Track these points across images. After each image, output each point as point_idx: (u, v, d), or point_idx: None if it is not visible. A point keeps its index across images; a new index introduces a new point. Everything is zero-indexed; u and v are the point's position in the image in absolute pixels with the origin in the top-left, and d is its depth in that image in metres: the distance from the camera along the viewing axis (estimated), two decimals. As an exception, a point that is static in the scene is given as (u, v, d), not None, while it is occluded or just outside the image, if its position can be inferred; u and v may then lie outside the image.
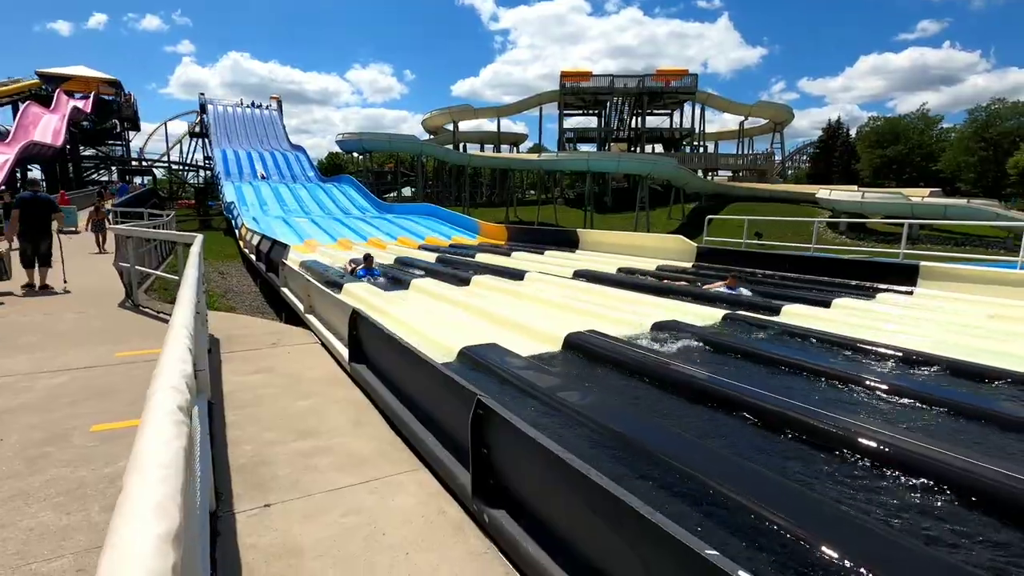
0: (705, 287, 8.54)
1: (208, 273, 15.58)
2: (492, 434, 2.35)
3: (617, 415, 3.30)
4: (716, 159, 50.08)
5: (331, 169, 58.03)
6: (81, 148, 42.61)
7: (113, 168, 45.74)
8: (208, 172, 45.37)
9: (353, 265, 10.74)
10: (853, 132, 58.45)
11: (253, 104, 46.07)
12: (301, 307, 6.97)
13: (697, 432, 3.26)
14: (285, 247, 9.76)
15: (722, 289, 8.19)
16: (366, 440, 3.36)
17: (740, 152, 52.60)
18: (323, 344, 5.59)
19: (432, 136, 54.33)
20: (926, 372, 4.52)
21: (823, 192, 31.51)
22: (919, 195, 29.66)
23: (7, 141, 26.99)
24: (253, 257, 13.76)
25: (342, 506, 2.58)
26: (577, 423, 3.31)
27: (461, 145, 54.02)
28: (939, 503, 2.45)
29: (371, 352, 4.32)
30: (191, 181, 52.35)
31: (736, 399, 3.59)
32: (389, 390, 3.79)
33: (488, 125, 57.33)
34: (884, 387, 3.91)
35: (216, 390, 4.11)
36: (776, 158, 53.30)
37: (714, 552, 1.32)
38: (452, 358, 5.00)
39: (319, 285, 6.34)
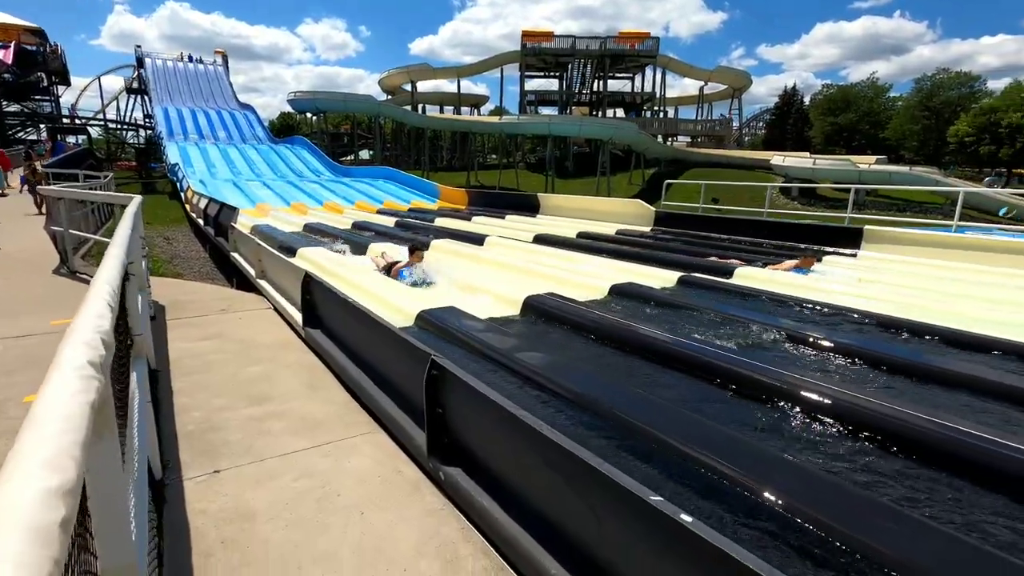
0: (771, 267, 7.22)
1: (153, 239, 14.83)
2: (446, 393, 2.35)
3: (571, 374, 3.35)
4: (676, 124, 50.33)
5: (283, 130, 55.42)
6: (4, 104, 39.21)
7: (41, 126, 42.35)
8: (149, 131, 42.61)
9: (386, 261, 7.09)
10: (808, 100, 59.73)
11: (192, 58, 43.22)
12: (253, 272, 6.74)
13: (648, 387, 3.35)
14: (234, 210, 9.36)
15: (791, 272, 6.94)
16: (321, 404, 3.31)
17: (699, 118, 53.02)
18: (276, 309, 5.44)
19: (390, 97, 52.42)
20: (863, 329, 4.76)
21: (777, 159, 32.28)
22: (866, 162, 30.77)
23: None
24: (201, 221, 13.16)
25: (295, 470, 2.55)
26: (532, 382, 3.35)
27: (420, 107, 52.37)
28: (866, 447, 2.61)
29: (325, 316, 4.23)
30: (131, 141, 49.10)
31: (686, 356, 3.70)
32: (345, 354, 3.73)
33: (448, 86, 55.65)
34: (827, 344, 4.10)
35: (162, 357, 3.96)
36: (734, 124, 54.03)
37: (658, 498, 1.37)
38: (410, 322, 4.95)
39: (271, 249, 6.12)
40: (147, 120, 43.21)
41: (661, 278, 6.69)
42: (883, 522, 1.79)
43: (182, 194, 20.19)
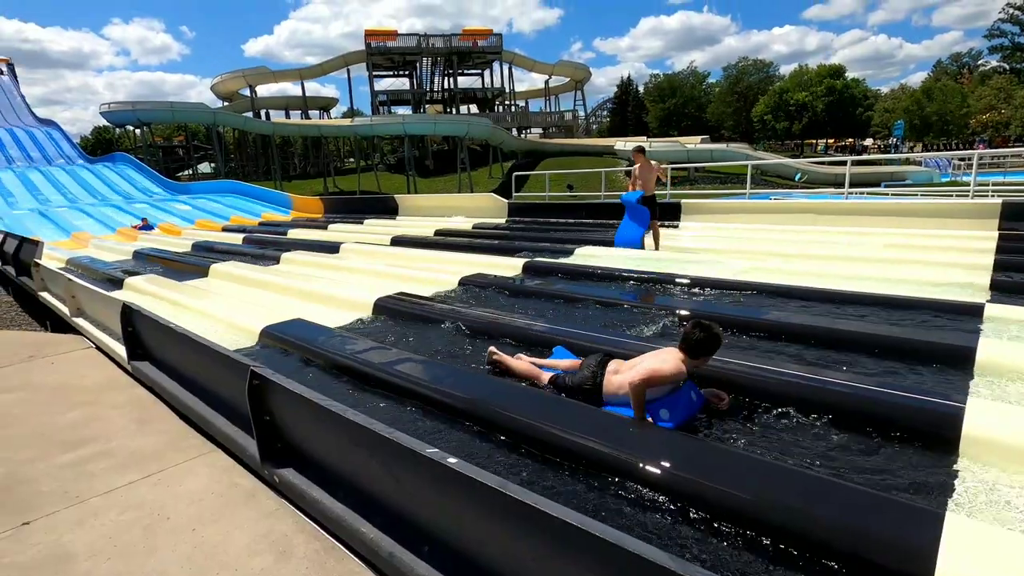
0: None
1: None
2: (270, 400, 2.45)
3: (410, 365, 3.57)
4: (528, 117, 52.57)
5: (99, 146, 48.76)
6: None
7: None
8: (-85, 159, 35.09)
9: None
10: (642, 88, 65.51)
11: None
12: (67, 311, 6.06)
13: (482, 368, 3.69)
14: (36, 244, 8.25)
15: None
16: (152, 436, 3.20)
17: (547, 110, 55.80)
18: (99, 347, 5.00)
19: (227, 103, 48.35)
20: (684, 291, 5.49)
21: (620, 144, 35.18)
22: (692, 142, 34.65)
23: None
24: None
25: (120, 504, 2.49)
26: (375, 379, 3.52)
27: (263, 112, 48.99)
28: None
29: (152, 347, 4.02)
30: None
31: (523, 335, 4.10)
32: (176, 382, 3.60)
33: (293, 89, 52.66)
34: (649, 307, 4.72)
35: (-50, 419, 3.51)
36: (580, 114, 57.71)
37: (434, 449, 1.64)
38: (254, 340, 4.84)
39: (83, 284, 5.57)
40: (-90, 146, 35.51)
41: (508, 266, 7.15)
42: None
43: (-30, 232, 17.06)
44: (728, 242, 7.99)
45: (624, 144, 34.73)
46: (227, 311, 5.77)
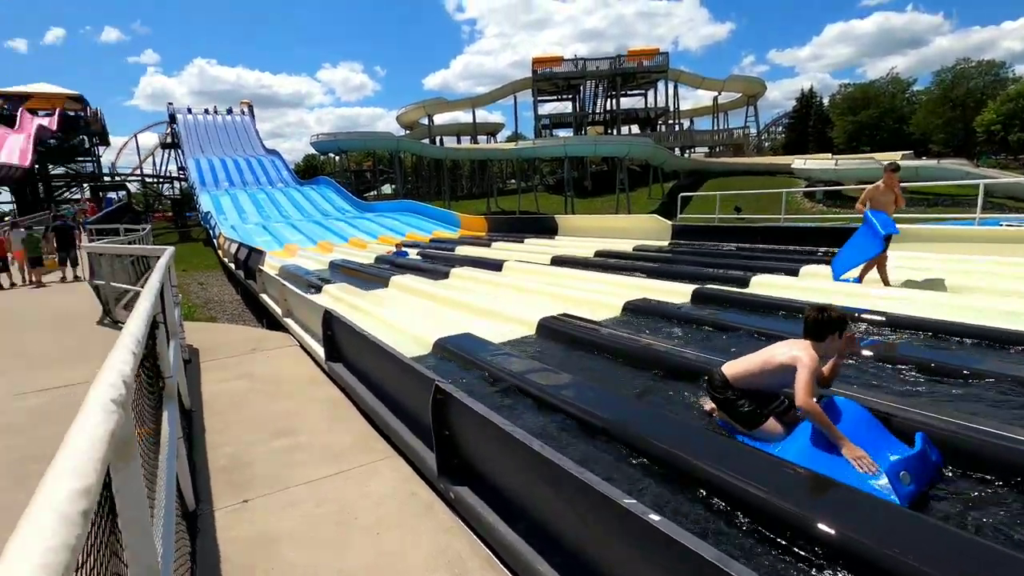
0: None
1: (188, 285, 15.53)
2: (451, 416, 2.49)
3: (581, 392, 3.45)
4: (692, 136, 50.33)
5: (308, 171, 57.42)
6: (50, 167, 41.76)
7: (85, 186, 44.92)
8: (183, 183, 44.73)
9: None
10: (826, 100, 59.02)
11: (217, 110, 45.43)
12: (279, 311, 7.05)
13: (655, 402, 3.43)
14: (261, 253, 9.80)
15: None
16: (343, 434, 3.49)
17: (715, 128, 52.90)
18: (302, 346, 5.69)
19: (408, 131, 53.95)
20: (905, 333, 4.65)
21: (798, 162, 31.92)
22: (891, 158, 30.11)
23: (-27, 165, 26.45)
24: (232, 266, 13.75)
25: (317, 496, 2.72)
26: (542, 402, 3.46)
27: (438, 139, 53.75)
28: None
29: (346, 351, 4.44)
30: (167, 193, 51.58)
31: (698, 369, 3.76)
32: (365, 385, 3.91)
33: (464, 117, 57.07)
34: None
35: (196, 398, 4.21)
36: (751, 131, 53.72)
37: (631, 500, 1.48)
38: (428, 350, 5.14)
39: (294, 289, 6.42)
40: (180, 172, 45.37)
41: (675, 292, 6.74)
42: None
43: (215, 240, 21.10)
44: (959, 276, 6.57)
45: (804, 162, 31.45)
46: (405, 320, 6.23)
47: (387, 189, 50.81)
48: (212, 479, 2.93)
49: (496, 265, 9.92)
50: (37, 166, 35.12)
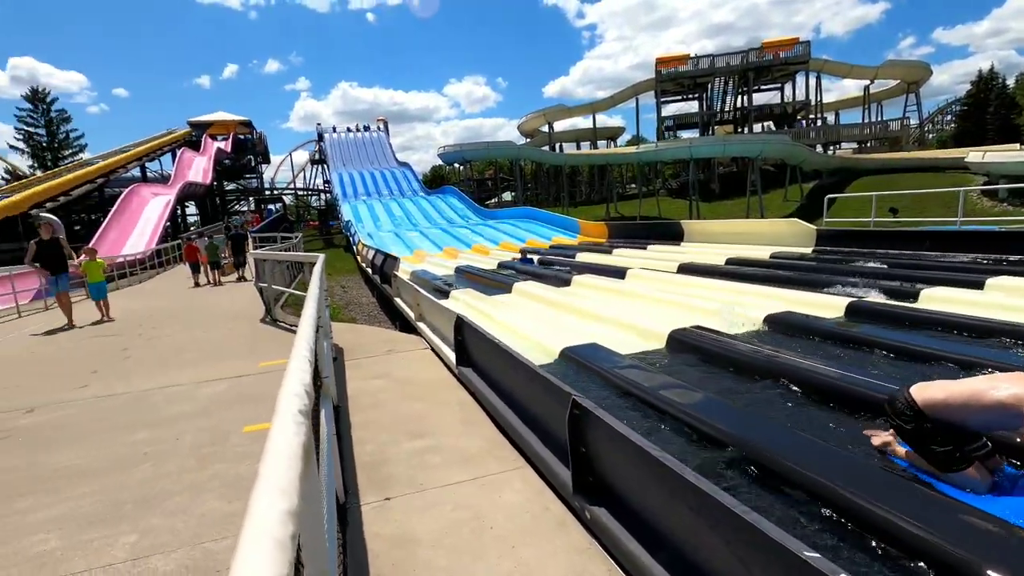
0: None
1: (331, 288, 17.08)
2: (589, 433, 2.40)
3: (723, 414, 3.19)
4: (837, 131, 45.44)
5: (435, 181, 60.92)
6: (225, 183, 48.66)
7: (251, 199, 51.73)
8: (328, 195, 49.68)
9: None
10: (1011, 82, 50.20)
11: (358, 127, 49.80)
12: (412, 315, 7.46)
13: (808, 430, 3.06)
14: (396, 259, 10.47)
15: None
16: (474, 439, 3.55)
17: (866, 120, 47.33)
18: (433, 350, 5.95)
19: (528, 139, 55.02)
20: None
21: (975, 155, 27.37)
22: (1105, 147, 24.77)
23: (170, 183, 31.61)
24: (369, 271, 14.89)
25: (452, 501, 2.77)
26: (680, 422, 3.25)
27: (557, 145, 54.14)
28: None
29: (476, 356, 4.54)
30: (314, 204, 57.67)
31: (863, 397, 3.31)
32: (494, 392, 3.96)
33: (583, 122, 56.95)
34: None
35: (341, 394, 4.55)
36: (911, 122, 47.26)
37: (815, 554, 1.28)
38: (553, 359, 5.10)
39: (426, 294, 6.75)
40: (326, 184, 50.43)
41: (825, 305, 6.07)
42: None
43: (354, 247, 23.06)
44: None
45: (982, 155, 26.95)
46: (529, 327, 6.27)
47: (507, 196, 52.23)
48: (358, 475, 3.12)
49: (619, 272, 9.67)
50: (215, 183, 41.10)
